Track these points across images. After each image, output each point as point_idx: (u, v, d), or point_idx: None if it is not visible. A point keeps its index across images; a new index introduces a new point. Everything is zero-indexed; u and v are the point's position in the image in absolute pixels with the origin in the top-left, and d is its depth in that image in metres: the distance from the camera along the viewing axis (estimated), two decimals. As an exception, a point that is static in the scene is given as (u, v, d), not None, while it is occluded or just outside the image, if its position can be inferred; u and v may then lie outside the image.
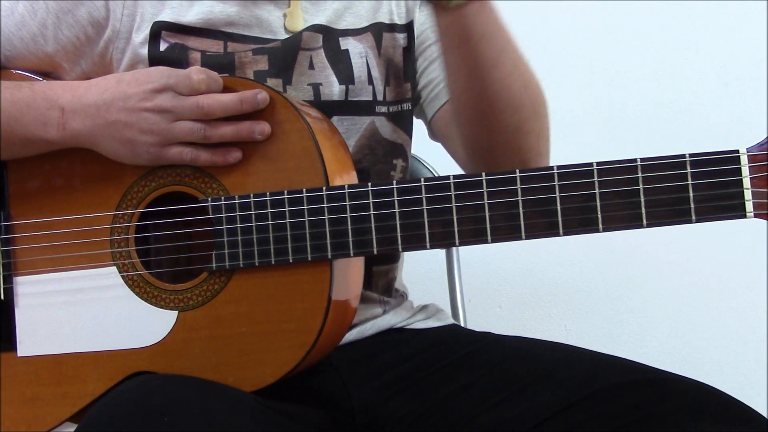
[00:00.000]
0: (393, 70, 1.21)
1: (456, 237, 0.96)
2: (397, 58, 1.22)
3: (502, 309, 1.86)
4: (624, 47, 1.82)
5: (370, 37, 1.19)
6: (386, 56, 1.21)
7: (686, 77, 1.81)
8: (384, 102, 1.20)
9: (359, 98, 1.17)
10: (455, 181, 0.95)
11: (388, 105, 1.20)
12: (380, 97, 1.19)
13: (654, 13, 1.81)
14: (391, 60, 1.21)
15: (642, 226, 0.92)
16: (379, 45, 1.20)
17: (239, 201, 1.00)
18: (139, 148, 1.02)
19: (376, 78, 1.19)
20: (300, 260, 0.98)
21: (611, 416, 0.97)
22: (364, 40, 1.19)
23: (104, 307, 1.05)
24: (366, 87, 1.18)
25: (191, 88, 1.00)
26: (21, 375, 1.07)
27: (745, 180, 0.90)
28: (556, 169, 0.93)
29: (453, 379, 1.11)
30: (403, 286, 1.29)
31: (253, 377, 1.00)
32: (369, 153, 1.17)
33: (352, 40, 1.18)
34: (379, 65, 1.20)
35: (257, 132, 1.00)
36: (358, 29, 1.19)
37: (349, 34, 1.18)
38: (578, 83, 1.81)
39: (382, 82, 1.20)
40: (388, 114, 1.20)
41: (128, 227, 1.04)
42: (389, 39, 1.21)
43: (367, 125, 1.18)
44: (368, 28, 1.20)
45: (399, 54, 1.22)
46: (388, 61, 1.21)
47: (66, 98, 1.04)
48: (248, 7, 1.12)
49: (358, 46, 1.18)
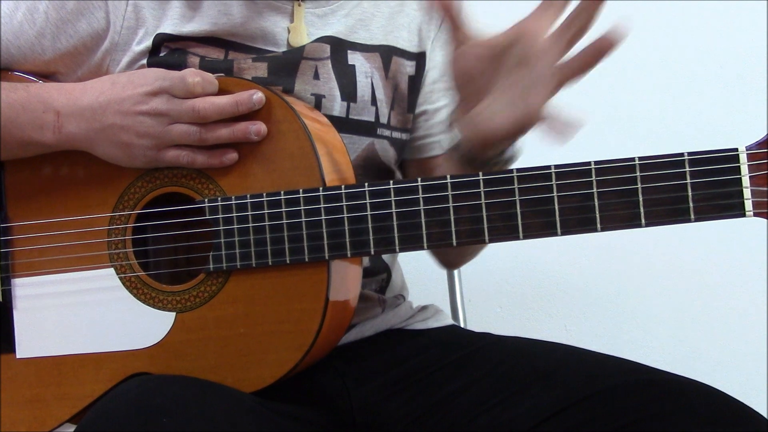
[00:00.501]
0: (399, 96, 1.21)
1: (453, 237, 0.95)
2: (402, 85, 1.21)
3: (502, 309, 1.86)
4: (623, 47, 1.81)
5: (378, 58, 1.18)
6: (393, 80, 1.20)
7: (686, 77, 1.81)
8: (388, 126, 1.19)
9: (360, 117, 1.16)
10: (452, 181, 0.95)
11: (391, 129, 1.19)
12: (384, 119, 1.18)
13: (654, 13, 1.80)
14: (398, 85, 1.20)
15: (640, 225, 0.91)
16: (387, 67, 1.19)
17: (236, 202, 0.99)
18: (136, 151, 1.02)
19: (380, 99, 1.18)
20: (297, 261, 0.98)
21: (611, 417, 0.97)
22: (372, 60, 1.18)
23: (102, 308, 1.05)
24: (368, 107, 1.17)
25: (186, 90, 1.00)
26: (20, 376, 1.07)
27: (744, 179, 0.89)
28: (554, 169, 0.93)
29: (453, 380, 1.11)
30: (402, 288, 1.29)
31: (251, 378, 0.99)
32: (362, 174, 1.16)
33: (360, 56, 1.17)
34: (385, 87, 1.19)
35: (253, 132, 1.00)
36: (367, 46, 1.18)
37: (358, 49, 1.17)
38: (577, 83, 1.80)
39: (387, 105, 1.19)
40: (390, 138, 1.19)
41: (125, 228, 1.04)
42: (398, 63, 1.20)
43: (366, 146, 1.17)
44: (378, 48, 1.19)
45: (405, 81, 1.21)
46: (395, 85, 1.20)
47: (61, 101, 1.04)
48: (253, 19, 1.11)
49: (365, 64, 1.17)
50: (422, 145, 1.25)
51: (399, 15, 1.21)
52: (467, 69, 0.97)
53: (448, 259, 1.32)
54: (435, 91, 1.24)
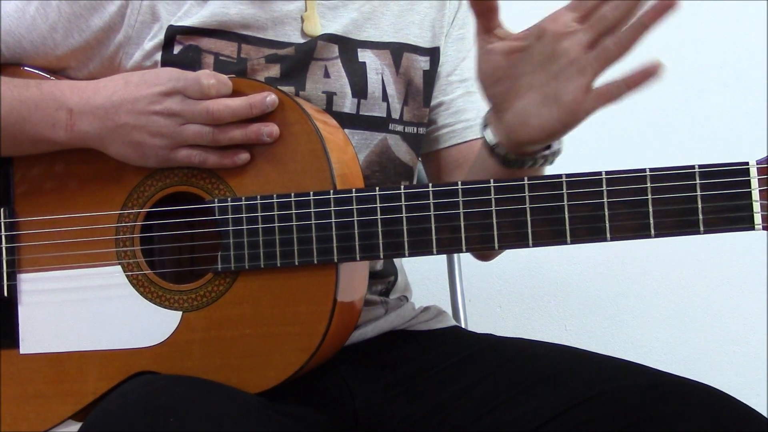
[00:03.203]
0: (413, 91, 1.21)
1: (463, 243, 0.95)
2: (417, 80, 1.21)
3: (502, 309, 1.86)
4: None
5: (388, 55, 1.18)
6: (406, 76, 1.20)
7: (686, 77, 1.81)
8: (400, 121, 1.19)
9: (371, 113, 1.16)
10: (463, 188, 0.95)
11: (404, 125, 1.19)
12: (396, 115, 1.18)
13: (654, 12, 1.80)
14: (411, 80, 1.20)
15: (650, 236, 0.92)
16: (397, 64, 1.19)
17: (246, 202, 0.99)
18: (148, 151, 1.01)
19: (392, 95, 1.18)
20: (306, 263, 0.98)
21: (612, 418, 0.98)
22: (382, 57, 1.18)
23: (108, 306, 1.04)
24: (379, 103, 1.17)
25: (201, 92, 1.00)
26: (23, 372, 1.06)
27: (754, 192, 0.90)
28: (565, 178, 0.93)
29: (455, 381, 1.11)
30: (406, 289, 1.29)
31: (257, 379, 0.99)
32: (379, 170, 1.17)
33: (370, 53, 1.17)
34: (396, 83, 1.19)
35: (265, 134, 1.00)
36: (377, 43, 1.18)
37: (368, 46, 1.17)
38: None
39: (399, 101, 1.19)
40: (403, 133, 1.19)
41: (134, 227, 1.04)
42: (410, 59, 1.20)
43: (379, 142, 1.17)
44: (388, 45, 1.19)
45: (419, 76, 1.21)
46: (408, 81, 1.20)
47: (74, 100, 1.04)
48: (264, 8, 1.11)
49: (376, 61, 1.17)
50: (441, 135, 1.25)
51: (409, 13, 1.21)
52: (494, 68, 0.97)
53: (481, 252, 1.31)
54: (450, 83, 1.24)
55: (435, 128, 1.25)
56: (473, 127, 1.22)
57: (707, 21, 1.81)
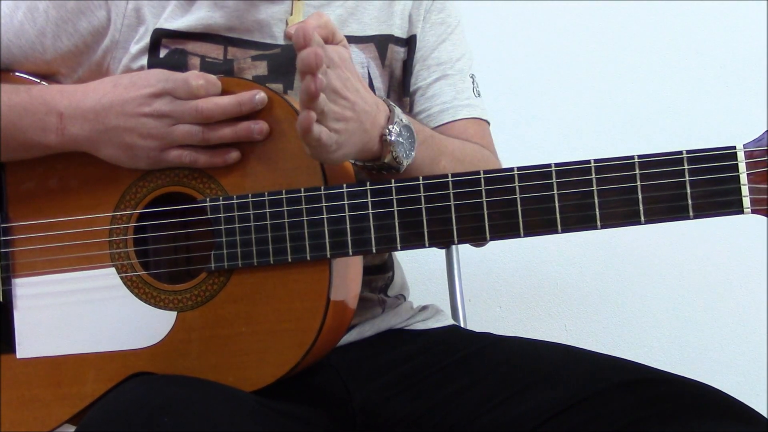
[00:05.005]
0: (394, 82, 1.22)
1: (455, 235, 0.96)
2: (397, 71, 1.22)
3: (502, 309, 1.86)
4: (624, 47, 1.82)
5: (373, 48, 1.19)
6: (390, 68, 1.21)
7: (686, 77, 1.81)
8: None
9: None
10: (453, 180, 0.96)
11: None
12: None
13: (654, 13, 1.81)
14: (393, 72, 1.21)
15: (640, 222, 0.92)
16: (383, 56, 1.20)
17: (237, 201, 1.00)
18: (139, 153, 1.02)
19: (378, 88, 1.19)
20: (299, 260, 0.98)
21: (612, 417, 0.97)
22: (367, 50, 1.19)
23: (103, 308, 1.05)
24: None
25: (190, 93, 1.00)
26: (20, 377, 1.07)
27: (743, 176, 0.90)
28: (554, 167, 0.93)
29: (454, 380, 1.11)
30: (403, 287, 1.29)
31: (252, 377, 0.99)
32: None
33: (354, 48, 1.18)
34: (382, 76, 1.20)
35: (255, 132, 1.00)
36: (361, 37, 1.19)
37: (352, 41, 1.17)
38: (578, 83, 1.81)
39: (384, 93, 1.20)
40: None
41: (127, 228, 1.04)
42: (393, 51, 1.21)
43: None
44: (372, 38, 1.20)
45: (399, 67, 1.22)
46: (391, 73, 1.21)
47: (64, 103, 1.04)
48: (249, 11, 1.12)
49: (360, 55, 1.18)
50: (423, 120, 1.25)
51: (391, 4, 1.22)
52: None
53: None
54: (428, 67, 1.24)
55: (412, 115, 1.25)
56: (449, 110, 1.22)
57: (707, 21, 1.81)
